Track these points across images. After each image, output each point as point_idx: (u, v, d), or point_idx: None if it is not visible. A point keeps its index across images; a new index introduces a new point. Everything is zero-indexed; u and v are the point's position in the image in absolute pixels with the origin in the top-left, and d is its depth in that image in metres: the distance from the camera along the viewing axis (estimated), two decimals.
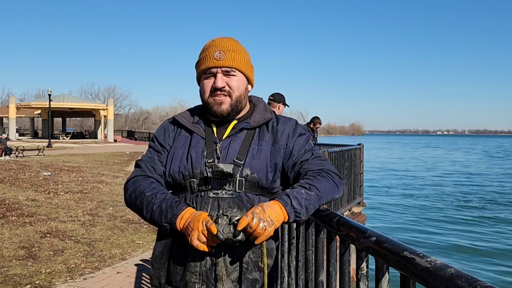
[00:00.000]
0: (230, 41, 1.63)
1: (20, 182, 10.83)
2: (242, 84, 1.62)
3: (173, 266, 1.54)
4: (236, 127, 1.63)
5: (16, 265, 4.86)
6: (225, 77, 1.59)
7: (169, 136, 1.68)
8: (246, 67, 1.63)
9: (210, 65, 1.58)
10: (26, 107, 44.67)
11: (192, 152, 1.59)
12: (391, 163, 44.68)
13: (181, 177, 1.57)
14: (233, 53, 1.59)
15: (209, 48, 1.61)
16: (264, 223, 1.33)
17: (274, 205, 1.38)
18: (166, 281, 1.56)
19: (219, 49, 1.59)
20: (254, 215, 1.33)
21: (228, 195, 1.53)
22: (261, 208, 1.35)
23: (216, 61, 1.57)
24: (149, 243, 6.04)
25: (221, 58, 1.57)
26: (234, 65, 1.58)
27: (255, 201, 1.54)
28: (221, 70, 1.58)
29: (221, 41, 1.62)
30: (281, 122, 1.68)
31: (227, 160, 1.56)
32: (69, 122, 76.77)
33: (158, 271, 1.58)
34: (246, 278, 1.50)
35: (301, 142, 1.63)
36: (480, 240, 12.90)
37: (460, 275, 0.90)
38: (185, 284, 1.50)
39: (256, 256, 1.52)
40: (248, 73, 1.64)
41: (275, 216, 1.36)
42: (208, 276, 1.49)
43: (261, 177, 1.55)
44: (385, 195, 21.96)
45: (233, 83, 1.59)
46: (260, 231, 1.33)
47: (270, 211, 1.35)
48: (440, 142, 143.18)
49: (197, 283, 1.49)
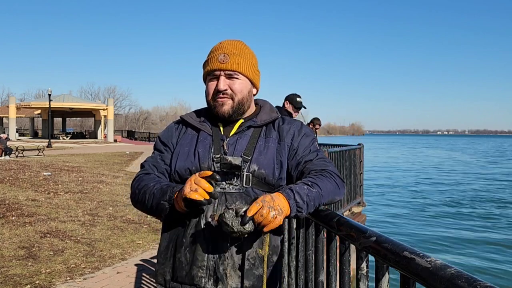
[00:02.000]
0: (236, 44, 1.65)
1: (20, 182, 10.83)
2: (245, 87, 1.63)
3: (179, 261, 1.53)
4: (243, 125, 1.65)
5: (16, 265, 4.86)
6: (228, 80, 1.60)
7: (173, 135, 1.70)
8: (250, 71, 1.64)
9: (214, 67, 1.60)
10: (26, 107, 44.68)
11: (200, 148, 1.60)
12: (391, 163, 44.68)
13: (188, 173, 1.58)
14: (237, 56, 1.61)
15: (215, 51, 1.64)
16: (275, 212, 1.33)
17: (280, 196, 1.39)
18: (171, 277, 1.55)
19: (224, 52, 1.61)
20: (264, 203, 1.33)
21: (235, 190, 1.53)
22: (270, 197, 1.36)
23: (220, 64, 1.59)
24: (149, 243, 6.04)
25: (225, 61, 1.59)
26: (237, 68, 1.60)
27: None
28: (224, 73, 1.60)
29: (228, 44, 1.64)
30: (286, 122, 1.71)
31: (235, 155, 1.57)
32: (69, 122, 76.78)
33: (163, 267, 1.58)
34: (253, 274, 1.50)
35: (306, 142, 1.65)
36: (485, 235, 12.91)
37: (460, 275, 0.90)
38: (192, 279, 1.50)
39: (260, 248, 1.53)
40: (252, 77, 1.65)
41: (283, 206, 1.37)
42: (215, 270, 1.49)
43: (268, 173, 1.56)
44: (385, 195, 21.96)
45: (236, 86, 1.61)
46: (271, 219, 1.33)
47: (279, 201, 1.37)
48: (440, 142, 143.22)
49: (204, 278, 1.49)
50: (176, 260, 1.54)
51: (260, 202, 1.33)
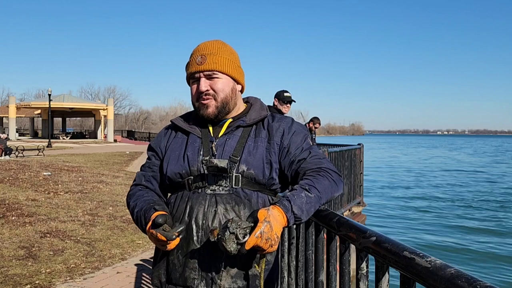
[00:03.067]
0: (213, 44, 1.65)
1: (20, 182, 10.83)
2: (227, 85, 1.63)
3: (172, 263, 1.55)
4: (232, 125, 1.65)
5: (16, 265, 4.86)
6: (209, 80, 1.61)
7: (161, 140, 1.73)
8: (229, 68, 1.63)
9: (193, 69, 1.62)
10: (26, 107, 44.66)
11: (189, 151, 1.61)
12: (391, 163, 44.68)
13: (178, 176, 1.60)
14: (214, 56, 1.61)
15: (193, 54, 1.65)
16: (272, 241, 1.32)
17: (276, 213, 1.36)
18: (166, 279, 1.57)
19: (200, 53, 1.62)
20: (263, 235, 1.30)
21: (225, 191, 1.54)
22: (269, 226, 1.31)
23: (198, 66, 1.60)
24: (149, 243, 6.04)
25: (203, 62, 1.60)
26: (215, 67, 1.60)
27: (252, 197, 1.55)
28: (204, 74, 1.61)
29: (204, 45, 1.65)
30: (276, 119, 1.69)
31: (223, 157, 1.57)
32: (69, 122, 76.74)
33: (158, 269, 1.60)
34: (246, 274, 1.51)
35: (298, 140, 1.62)
36: (479, 239, 12.91)
37: (460, 275, 0.90)
38: (185, 281, 1.51)
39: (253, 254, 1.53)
40: (233, 74, 1.64)
41: (279, 230, 1.35)
42: (207, 272, 1.49)
43: (258, 173, 1.56)
44: (385, 195, 21.96)
45: (217, 85, 1.61)
46: (267, 248, 1.33)
47: (276, 226, 1.33)
48: (440, 142, 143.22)
49: (196, 279, 1.50)
50: (169, 262, 1.56)
51: (258, 234, 1.30)
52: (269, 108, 4.91)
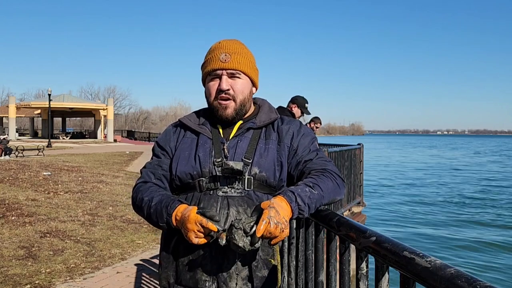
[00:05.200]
0: (236, 44, 1.65)
1: (20, 182, 10.83)
2: (246, 87, 1.63)
3: (182, 265, 1.53)
4: (243, 127, 1.64)
5: (16, 265, 4.86)
6: (230, 79, 1.60)
7: (171, 139, 1.69)
8: (251, 70, 1.64)
9: (216, 67, 1.59)
10: (26, 107, 44.68)
11: (200, 152, 1.59)
12: (391, 163, 44.69)
13: (189, 177, 1.57)
14: (238, 55, 1.61)
15: (215, 50, 1.62)
16: (281, 225, 1.30)
17: (282, 202, 1.36)
18: (175, 280, 1.56)
19: (225, 51, 1.60)
20: (271, 219, 1.29)
21: (237, 194, 1.53)
22: (275, 210, 1.31)
23: (221, 63, 1.58)
24: (149, 243, 6.04)
25: (227, 60, 1.58)
26: (239, 67, 1.59)
27: (263, 199, 1.54)
28: (227, 73, 1.59)
29: (227, 44, 1.64)
30: (285, 122, 1.70)
31: (235, 159, 1.56)
32: (69, 122, 76.76)
33: (166, 271, 1.58)
34: (256, 276, 1.51)
35: (305, 142, 1.64)
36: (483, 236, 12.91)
37: (460, 275, 0.90)
38: (196, 283, 1.50)
39: (265, 254, 1.54)
40: (252, 76, 1.65)
41: (287, 215, 1.34)
42: (218, 274, 1.49)
43: (269, 175, 1.56)
44: (385, 195, 21.96)
45: (238, 86, 1.60)
46: (278, 234, 1.31)
47: (282, 211, 1.33)
48: (440, 141, 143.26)
49: (208, 281, 1.49)
50: (179, 264, 1.54)
51: (266, 219, 1.28)
52: (282, 109, 4.91)
